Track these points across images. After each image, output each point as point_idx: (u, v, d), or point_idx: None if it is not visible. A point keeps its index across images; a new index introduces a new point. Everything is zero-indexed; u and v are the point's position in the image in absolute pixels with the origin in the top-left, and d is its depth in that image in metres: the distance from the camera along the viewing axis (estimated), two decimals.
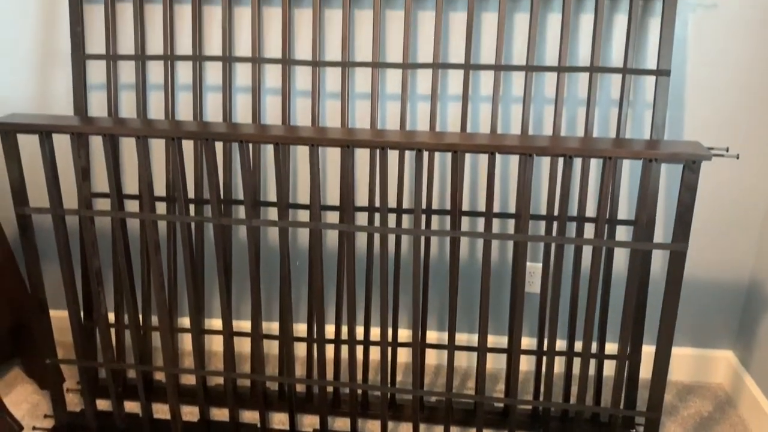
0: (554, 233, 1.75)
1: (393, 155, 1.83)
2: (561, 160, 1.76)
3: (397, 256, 1.76)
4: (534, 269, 1.94)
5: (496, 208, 1.89)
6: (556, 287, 1.58)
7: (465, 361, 2.10)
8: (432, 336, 2.06)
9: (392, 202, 1.85)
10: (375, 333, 2.06)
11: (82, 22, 1.78)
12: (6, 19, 1.85)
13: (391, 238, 1.87)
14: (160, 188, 1.95)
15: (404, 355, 2.10)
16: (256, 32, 1.74)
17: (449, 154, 1.86)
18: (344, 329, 1.96)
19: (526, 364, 2.08)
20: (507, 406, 1.85)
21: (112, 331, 2.08)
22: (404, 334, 2.08)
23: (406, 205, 1.91)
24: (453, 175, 1.48)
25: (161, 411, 1.86)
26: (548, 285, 1.66)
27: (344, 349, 2.06)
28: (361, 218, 1.95)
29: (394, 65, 1.72)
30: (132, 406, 1.88)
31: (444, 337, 2.06)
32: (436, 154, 1.86)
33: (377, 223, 1.81)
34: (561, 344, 1.98)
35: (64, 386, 1.90)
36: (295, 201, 1.94)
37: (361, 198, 1.93)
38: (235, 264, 2.04)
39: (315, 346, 1.86)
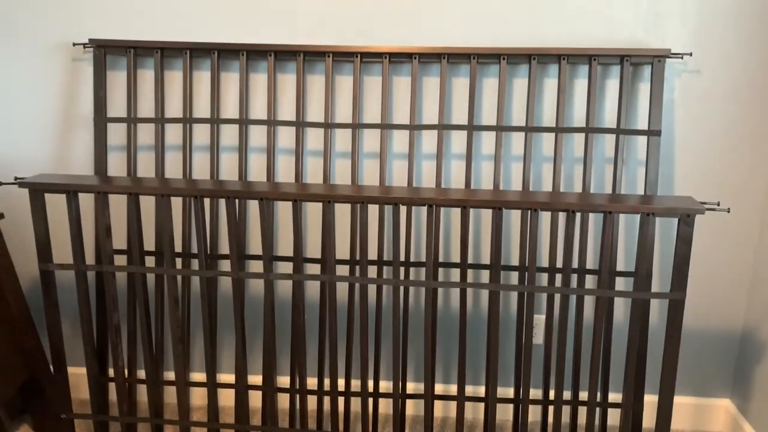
0: (556, 285, 1.82)
1: (402, 210, 1.92)
2: (563, 215, 1.85)
3: (406, 308, 1.82)
4: (537, 321, 2.01)
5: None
6: (562, 338, 1.64)
7: (470, 413, 2.14)
8: (436, 388, 2.10)
9: (389, 255, 1.93)
10: (381, 385, 2.09)
11: (105, 87, 1.88)
12: (32, 84, 1.94)
13: (386, 289, 1.94)
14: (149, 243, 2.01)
15: (409, 408, 2.13)
16: (272, 97, 1.84)
17: (454, 210, 1.95)
18: (349, 381, 2.00)
19: (530, 414, 2.12)
20: None
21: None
22: (407, 386, 2.11)
23: (413, 258, 1.98)
24: (462, 230, 1.56)
25: None
26: (552, 336, 1.72)
27: (354, 401, 2.09)
28: (371, 273, 2.02)
29: (401, 126, 1.82)
30: None
31: (447, 389, 2.10)
32: (438, 209, 1.95)
33: (382, 276, 1.87)
34: (565, 394, 2.02)
35: None
36: (306, 256, 2.01)
37: (373, 252, 2.00)
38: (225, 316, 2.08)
39: (324, 398, 1.90)
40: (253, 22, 1.86)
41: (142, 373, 2.10)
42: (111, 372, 2.07)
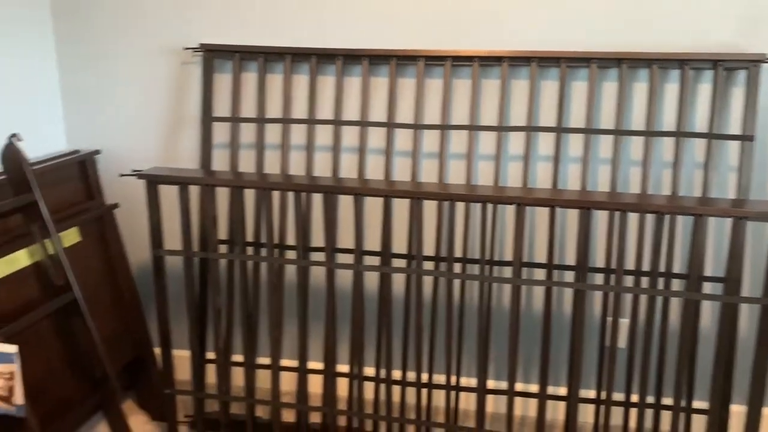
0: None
1: (488, 209, 1.97)
2: (652, 217, 1.85)
3: (489, 305, 1.86)
4: (620, 325, 2.01)
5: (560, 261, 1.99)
6: (647, 341, 1.65)
7: (549, 413, 2.16)
8: (516, 387, 2.13)
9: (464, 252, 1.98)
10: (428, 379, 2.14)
11: (211, 89, 2.03)
12: (146, 85, 2.11)
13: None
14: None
15: (489, 404, 2.17)
16: (366, 99, 1.94)
17: (538, 210, 1.98)
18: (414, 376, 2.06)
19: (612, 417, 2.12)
20: None
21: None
22: (469, 383, 2.15)
23: (497, 258, 2.03)
24: (550, 229, 1.60)
25: None
26: (636, 339, 1.73)
27: (435, 395, 2.15)
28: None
29: (489, 128, 1.88)
30: None
31: (526, 388, 2.12)
32: (501, 207, 1.99)
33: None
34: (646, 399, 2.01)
35: None
36: (393, 251, 2.08)
37: (458, 250, 2.06)
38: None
39: (411, 390, 1.96)
40: (349, 27, 1.96)
41: (233, 358, 2.22)
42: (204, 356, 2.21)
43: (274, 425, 1.85)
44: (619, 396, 2.07)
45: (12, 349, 1.44)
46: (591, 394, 2.09)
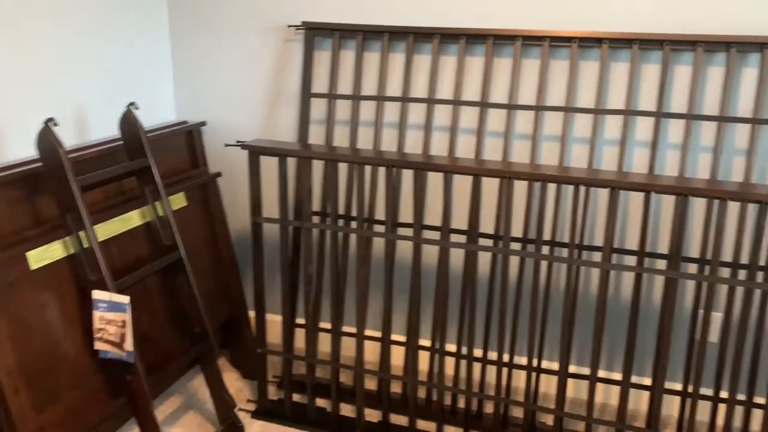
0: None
1: (581, 191, 1.95)
2: (754, 206, 1.78)
3: (576, 289, 1.85)
4: (712, 318, 1.95)
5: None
6: (741, 335, 1.60)
7: (632, 403, 2.12)
8: (600, 374, 2.11)
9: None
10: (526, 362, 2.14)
11: (311, 66, 2.10)
12: (250, 61, 2.22)
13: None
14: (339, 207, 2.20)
15: (571, 390, 2.16)
16: (461, 78, 1.95)
17: (633, 196, 1.94)
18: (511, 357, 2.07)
19: (698, 413, 2.06)
20: None
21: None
22: (550, 366, 2.14)
23: (587, 242, 2.00)
24: (644, 215, 1.57)
25: (346, 410, 2.07)
26: (729, 333, 1.67)
27: (515, 376, 2.17)
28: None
29: (585, 110, 1.85)
30: (320, 403, 2.10)
31: (609, 376, 2.10)
32: (594, 191, 1.95)
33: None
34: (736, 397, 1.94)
35: None
36: (482, 231, 2.10)
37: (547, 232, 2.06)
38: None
39: (491, 368, 1.99)
40: (447, 6, 1.97)
41: (320, 326, 2.32)
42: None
43: (356, 391, 1.93)
44: (706, 391, 2.01)
45: (124, 299, 1.58)
46: (677, 386, 2.04)
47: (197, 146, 2.24)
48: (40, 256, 1.55)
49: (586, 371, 2.10)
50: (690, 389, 1.86)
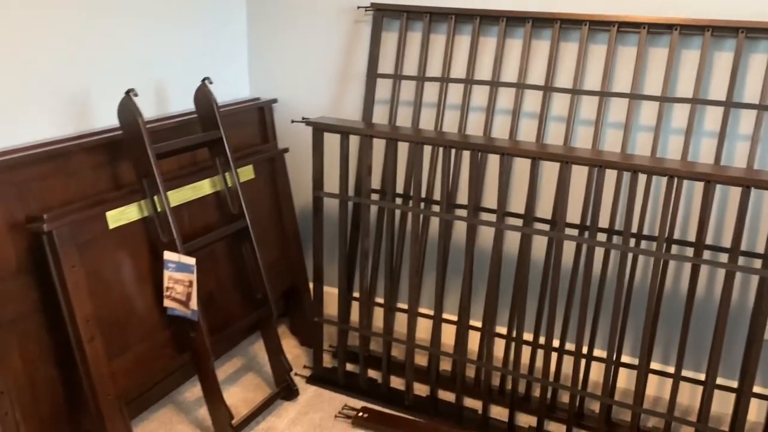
0: None
1: (641, 179, 1.92)
2: None
3: (632, 278, 1.84)
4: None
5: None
6: None
7: (686, 398, 2.09)
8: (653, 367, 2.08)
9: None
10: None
11: (378, 47, 2.15)
12: (319, 42, 2.29)
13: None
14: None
15: (623, 381, 2.15)
16: (525, 61, 1.95)
17: (697, 186, 1.90)
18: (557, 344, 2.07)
19: (753, 414, 2.01)
20: None
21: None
22: (624, 360, 2.12)
23: (646, 232, 1.98)
24: (702, 206, 1.54)
25: (396, 382, 2.13)
26: None
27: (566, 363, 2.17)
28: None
29: (652, 98, 1.82)
30: (372, 374, 2.17)
31: (663, 369, 2.06)
32: (680, 182, 1.91)
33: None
34: None
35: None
36: (539, 216, 2.11)
37: (605, 220, 2.04)
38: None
39: (540, 352, 2.00)
40: None
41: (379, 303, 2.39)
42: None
43: (407, 365, 1.98)
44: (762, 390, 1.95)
45: (191, 261, 1.69)
46: (733, 384, 1.99)
47: (268, 122, 2.34)
48: (117, 217, 1.68)
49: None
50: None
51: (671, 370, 2.06)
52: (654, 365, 2.09)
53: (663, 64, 1.86)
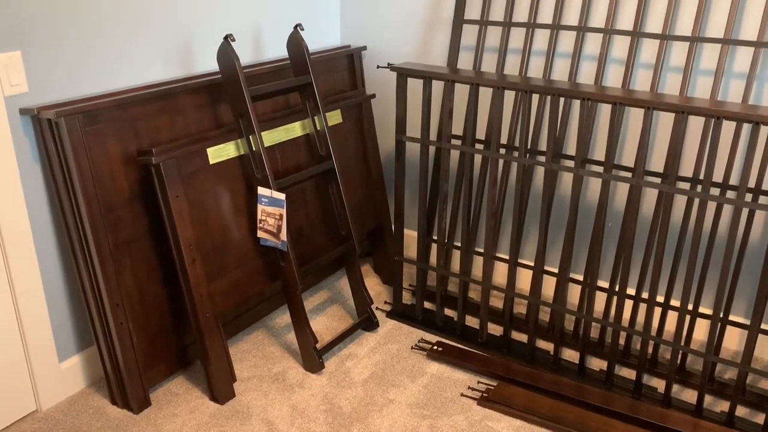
0: None
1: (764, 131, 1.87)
2: None
3: (747, 233, 1.80)
4: None
5: None
6: None
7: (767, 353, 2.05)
8: (738, 320, 2.05)
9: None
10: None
11: None
12: None
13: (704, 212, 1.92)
14: (482, 134, 2.27)
15: (701, 333, 2.13)
16: (613, 6, 1.92)
17: None
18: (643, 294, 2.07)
19: None
20: None
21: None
22: (704, 311, 2.10)
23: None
24: None
25: (471, 322, 2.22)
26: None
27: (641, 311, 2.17)
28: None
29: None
30: (448, 312, 2.27)
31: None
32: None
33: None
34: None
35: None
36: (620, 163, 2.09)
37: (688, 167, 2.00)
38: (553, 213, 2.28)
39: (615, 299, 2.02)
40: None
41: (457, 245, 2.47)
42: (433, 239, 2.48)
43: (482, 305, 2.06)
44: None
45: (282, 196, 1.83)
46: None
47: (357, 69, 2.43)
48: (217, 153, 1.83)
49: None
50: None
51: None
52: (734, 317, 2.06)
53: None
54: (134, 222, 1.76)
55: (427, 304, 2.31)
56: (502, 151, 2.17)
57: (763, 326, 2.01)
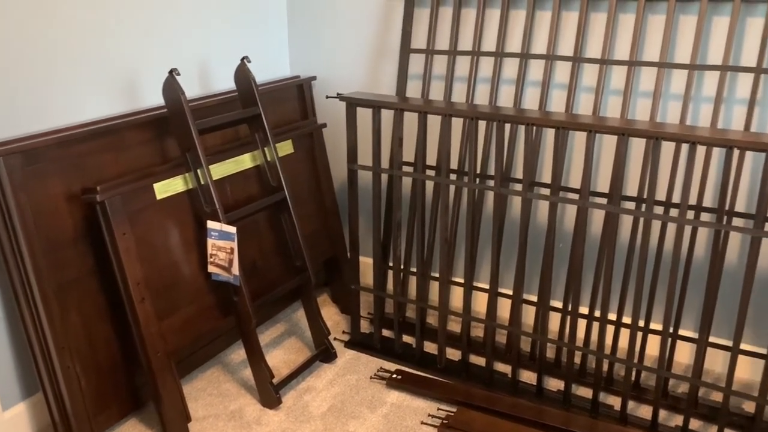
0: None
1: (701, 151, 1.93)
2: None
3: (691, 250, 1.85)
4: None
5: None
6: None
7: (720, 366, 2.09)
8: (688, 335, 2.10)
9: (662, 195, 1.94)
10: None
11: (410, 23, 2.21)
12: (355, 20, 2.36)
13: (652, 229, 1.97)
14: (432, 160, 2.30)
15: (654, 349, 2.17)
16: (554, 32, 1.98)
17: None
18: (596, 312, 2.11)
19: None
20: (756, 412, 1.83)
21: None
22: (655, 327, 2.14)
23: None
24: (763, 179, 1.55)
25: (429, 347, 2.21)
26: None
27: (595, 329, 2.21)
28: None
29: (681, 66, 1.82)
30: (407, 339, 2.26)
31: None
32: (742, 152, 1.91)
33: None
34: None
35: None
36: (567, 185, 2.13)
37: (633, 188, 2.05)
38: (505, 236, 2.31)
39: (568, 318, 2.04)
40: None
41: (413, 271, 2.47)
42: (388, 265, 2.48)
43: (439, 331, 2.06)
44: None
45: (232, 229, 1.81)
46: None
47: (307, 99, 2.44)
48: (164, 188, 1.81)
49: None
50: None
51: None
52: (684, 332, 2.10)
53: (693, 31, 1.85)
54: (80, 261, 1.71)
55: (385, 332, 2.30)
56: (453, 176, 2.19)
57: (712, 339, 2.06)
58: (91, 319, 1.74)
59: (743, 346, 2.01)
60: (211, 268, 1.88)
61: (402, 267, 2.23)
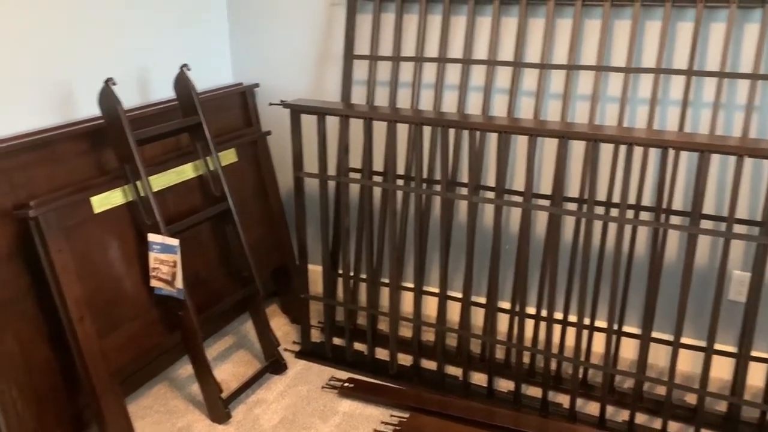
0: None
1: (638, 152, 1.97)
2: None
3: (632, 250, 1.89)
4: (743, 278, 1.95)
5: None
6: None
7: (663, 360, 2.15)
8: (632, 331, 2.15)
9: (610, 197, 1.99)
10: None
11: (354, 29, 2.20)
12: (298, 27, 2.34)
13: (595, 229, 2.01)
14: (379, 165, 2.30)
15: (599, 345, 2.21)
16: (495, 38, 2.00)
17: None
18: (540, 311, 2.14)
19: (719, 370, 2.07)
20: (698, 403, 1.89)
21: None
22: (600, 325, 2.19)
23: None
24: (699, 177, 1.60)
25: (381, 354, 2.20)
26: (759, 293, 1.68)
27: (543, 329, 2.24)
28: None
29: (617, 69, 1.87)
30: (358, 347, 2.25)
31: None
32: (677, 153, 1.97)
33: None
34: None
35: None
36: (512, 188, 2.16)
37: (575, 189, 2.10)
38: (453, 240, 2.32)
39: (516, 319, 2.07)
40: None
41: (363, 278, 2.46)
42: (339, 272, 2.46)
43: (390, 337, 2.06)
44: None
45: (175, 242, 1.76)
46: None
47: (250, 106, 2.40)
48: (102, 202, 1.75)
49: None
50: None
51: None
52: (628, 328, 2.15)
53: (628, 34, 1.91)
54: (14, 280, 1.63)
55: (336, 341, 2.28)
56: (401, 182, 2.19)
57: (655, 334, 2.12)
58: (28, 340, 1.66)
59: (684, 340, 2.07)
60: (153, 283, 1.82)
61: (352, 274, 2.21)
